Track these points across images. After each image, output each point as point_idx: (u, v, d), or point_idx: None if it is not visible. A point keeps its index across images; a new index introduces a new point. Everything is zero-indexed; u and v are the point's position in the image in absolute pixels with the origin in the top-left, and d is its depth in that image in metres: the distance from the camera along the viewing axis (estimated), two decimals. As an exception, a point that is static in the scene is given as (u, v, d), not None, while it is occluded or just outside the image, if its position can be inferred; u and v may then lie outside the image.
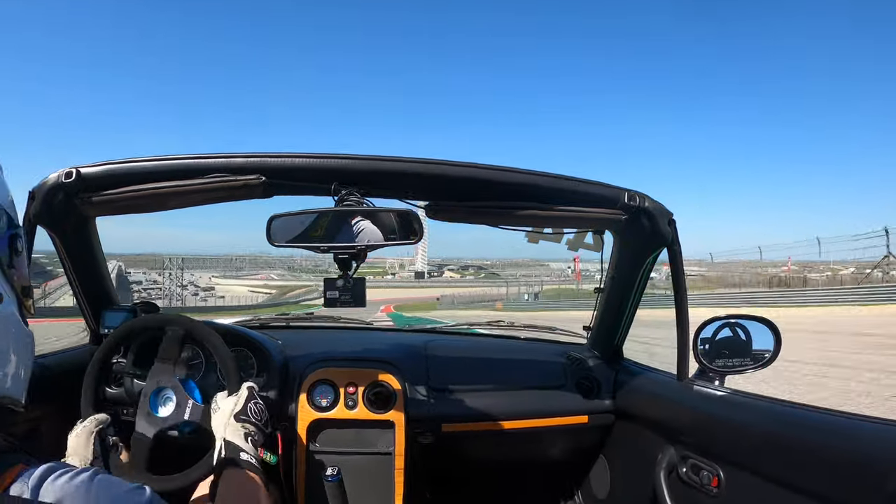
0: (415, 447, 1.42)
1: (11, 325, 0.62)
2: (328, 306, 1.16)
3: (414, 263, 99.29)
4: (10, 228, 0.63)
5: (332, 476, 1.29)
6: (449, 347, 1.69)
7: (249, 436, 0.98)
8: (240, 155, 1.10)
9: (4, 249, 0.61)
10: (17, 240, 0.64)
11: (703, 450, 1.17)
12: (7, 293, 0.61)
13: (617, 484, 1.55)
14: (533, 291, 47.53)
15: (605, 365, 1.62)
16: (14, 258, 0.63)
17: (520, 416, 1.48)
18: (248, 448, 0.95)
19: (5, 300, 0.60)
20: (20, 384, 0.64)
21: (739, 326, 1.38)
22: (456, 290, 59.07)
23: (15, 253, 0.63)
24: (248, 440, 0.97)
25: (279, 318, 1.91)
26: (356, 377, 1.40)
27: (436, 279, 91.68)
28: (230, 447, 0.94)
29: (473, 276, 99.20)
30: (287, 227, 1.09)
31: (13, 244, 0.63)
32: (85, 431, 1.01)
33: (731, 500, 1.08)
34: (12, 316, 0.62)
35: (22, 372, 0.64)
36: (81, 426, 1.02)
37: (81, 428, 1.02)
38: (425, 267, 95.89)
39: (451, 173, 1.13)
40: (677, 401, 1.31)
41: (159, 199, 1.13)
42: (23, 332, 0.65)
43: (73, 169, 1.10)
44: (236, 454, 0.93)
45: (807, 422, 0.98)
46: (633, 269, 1.41)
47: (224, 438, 0.96)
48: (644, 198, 1.22)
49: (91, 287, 1.37)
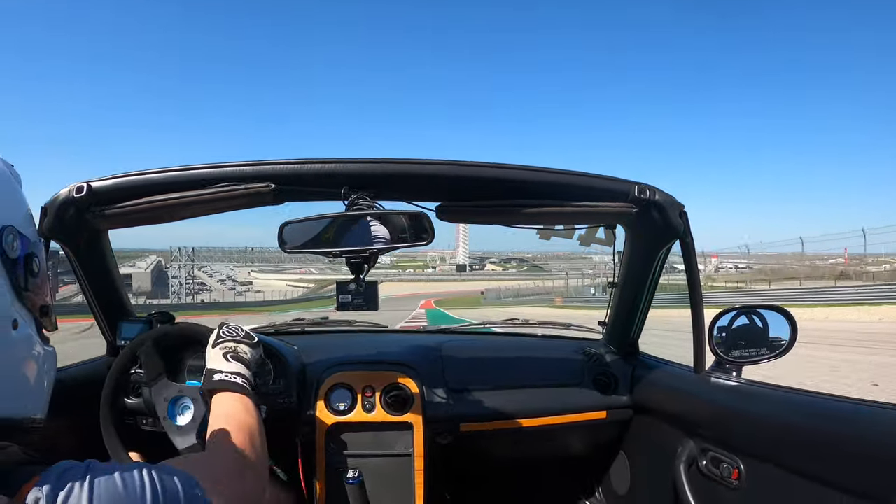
0: (434, 448, 1.43)
1: (29, 347, 0.61)
2: (341, 310, 1.16)
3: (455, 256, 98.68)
4: (24, 248, 0.61)
5: (353, 479, 1.29)
6: (464, 347, 1.69)
7: (229, 353, 0.99)
8: (249, 163, 1.11)
9: (20, 271, 0.60)
10: (33, 260, 0.62)
11: (723, 442, 1.16)
12: (23, 317, 0.60)
13: (637, 479, 1.55)
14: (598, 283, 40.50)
15: (621, 360, 1.61)
16: (30, 280, 0.61)
17: (538, 414, 1.48)
18: (226, 367, 0.96)
19: (21, 324, 0.59)
20: (41, 402, 0.64)
21: (756, 315, 1.37)
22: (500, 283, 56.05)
23: (31, 274, 0.61)
24: (227, 358, 0.98)
25: (294, 323, 1.92)
26: (373, 380, 1.40)
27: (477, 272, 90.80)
28: (208, 374, 0.95)
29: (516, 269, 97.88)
30: (299, 232, 1.10)
31: (29, 265, 0.61)
32: None
33: (751, 492, 1.07)
34: (30, 338, 0.61)
35: (43, 389, 0.64)
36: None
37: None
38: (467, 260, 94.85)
39: (460, 173, 1.12)
40: (695, 393, 1.30)
41: (170, 211, 1.14)
42: (42, 351, 0.64)
43: (83, 183, 1.11)
44: (210, 378, 0.93)
45: (826, 411, 0.97)
46: (646, 263, 1.40)
47: (206, 368, 0.97)
48: (654, 190, 1.21)
49: (106, 299, 1.39)
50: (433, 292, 50.79)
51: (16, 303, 0.59)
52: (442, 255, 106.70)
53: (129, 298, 1.44)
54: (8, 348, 0.57)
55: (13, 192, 0.64)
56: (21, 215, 0.64)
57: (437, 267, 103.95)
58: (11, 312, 0.58)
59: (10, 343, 0.58)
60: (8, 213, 0.61)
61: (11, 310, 0.58)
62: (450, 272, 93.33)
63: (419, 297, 41.79)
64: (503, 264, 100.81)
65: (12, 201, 0.63)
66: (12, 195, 0.64)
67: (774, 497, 1.02)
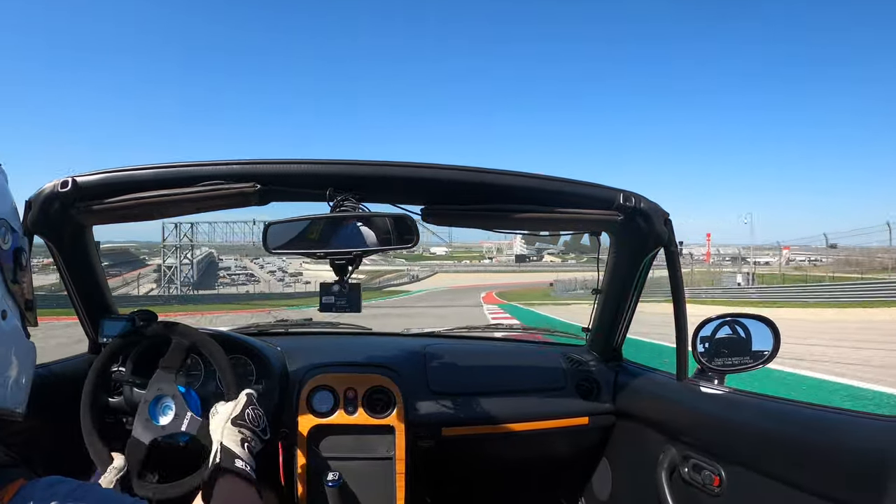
0: (415, 451, 1.42)
1: (15, 339, 0.62)
2: (324, 311, 1.16)
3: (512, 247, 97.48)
4: (14, 242, 0.63)
5: (332, 481, 1.29)
6: (448, 351, 1.69)
7: (245, 441, 0.97)
8: (235, 162, 1.10)
9: (9, 264, 0.61)
10: (21, 254, 0.64)
11: (704, 449, 1.17)
12: (10, 308, 0.61)
13: (619, 485, 1.55)
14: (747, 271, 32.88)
15: (604, 366, 1.62)
16: (18, 272, 0.63)
17: (520, 419, 1.48)
18: (243, 454, 0.94)
19: (9, 315, 0.61)
20: (20, 395, 0.64)
21: (738, 324, 1.38)
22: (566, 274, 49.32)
23: (20, 267, 0.63)
24: (243, 446, 0.96)
25: (278, 324, 1.91)
26: (355, 382, 1.40)
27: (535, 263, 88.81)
28: (226, 452, 0.93)
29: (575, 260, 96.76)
30: (283, 233, 1.10)
31: (18, 258, 0.63)
32: (105, 481, 1.03)
33: (732, 499, 1.08)
34: (16, 330, 0.62)
35: (23, 383, 0.64)
36: (103, 477, 1.04)
37: (103, 479, 1.03)
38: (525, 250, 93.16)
39: (445, 177, 1.13)
40: (677, 400, 1.31)
41: (155, 208, 1.13)
42: (25, 344, 0.65)
43: (69, 178, 1.11)
44: (231, 461, 0.92)
45: (806, 420, 0.97)
46: (630, 270, 1.41)
47: (220, 443, 0.95)
48: (640, 198, 1.21)
49: (89, 295, 1.38)
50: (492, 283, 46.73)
51: (6, 295, 0.60)
52: (499, 247, 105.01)
53: (111, 295, 1.43)
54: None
55: (1, 187, 0.66)
56: (9, 210, 0.65)
57: (493, 258, 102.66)
58: (2, 304, 0.59)
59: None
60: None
61: (3, 301, 0.60)
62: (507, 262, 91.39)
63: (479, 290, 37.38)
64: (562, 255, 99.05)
65: (2, 196, 0.65)
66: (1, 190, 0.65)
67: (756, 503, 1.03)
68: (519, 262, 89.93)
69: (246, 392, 1.07)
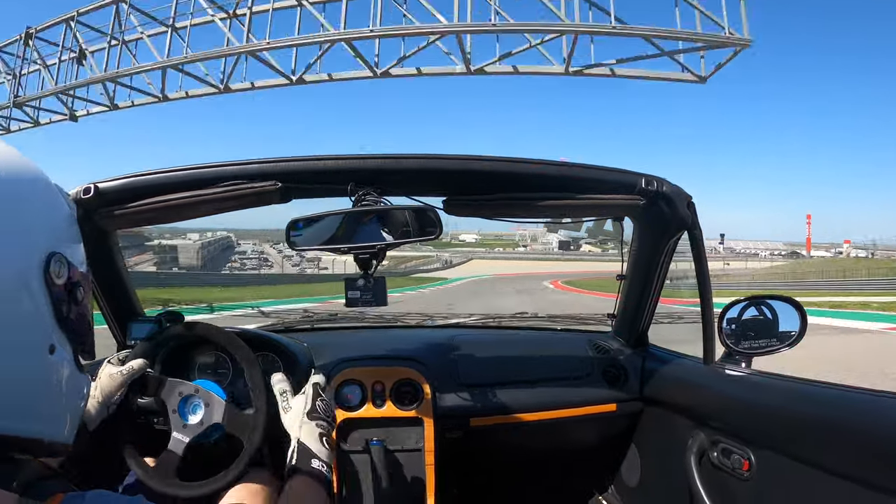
0: (443, 443, 1.43)
1: (63, 373, 0.60)
2: (349, 306, 1.16)
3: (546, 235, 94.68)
4: (70, 276, 0.60)
5: (377, 440, 1.31)
6: (474, 342, 1.69)
7: (324, 435, 0.93)
8: (255, 161, 1.11)
9: (64, 298, 0.59)
10: (77, 288, 0.61)
11: (733, 433, 1.16)
12: (60, 342, 0.59)
13: (648, 471, 1.55)
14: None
15: (630, 352, 1.61)
16: (73, 308, 0.60)
17: (548, 408, 1.48)
18: (321, 452, 0.90)
19: (58, 349, 0.59)
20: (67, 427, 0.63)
21: (765, 305, 1.36)
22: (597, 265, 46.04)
23: (74, 302, 0.61)
24: (322, 441, 0.92)
25: (304, 320, 1.92)
26: (383, 375, 1.41)
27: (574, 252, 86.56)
28: (303, 451, 0.89)
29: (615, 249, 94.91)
30: (306, 230, 1.10)
31: (73, 293, 0.61)
32: (122, 377, 1.03)
33: (762, 483, 1.07)
34: (65, 364, 0.61)
35: (71, 416, 0.63)
36: (119, 370, 1.04)
37: (119, 371, 1.04)
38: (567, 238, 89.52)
39: (466, 167, 1.12)
40: (705, 385, 1.30)
41: (177, 210, 1.15)
42: (76, 377, 0.63)
43: (90, 185, 1.12)
44: (308, 460, 0.88)
45: (837, 402, 0.96)
46: (654, 255, 1.40)
47: (298, 440, 0.91)
48: (662, 182, 1.20)
49: (116, 299, 1.40)
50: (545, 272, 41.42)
51: (56, 329, 0.59)
52: (533, 235, 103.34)
53: (137, 298, 1.45)
54: (42, 371, 0.57)
55: (64, 217, 0.64)
56: (70, 242, 0.63)
57: (527, 246, 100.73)
58: (50, 338, 0.58)
59: (45, 367, 0.58)
60: (57, 239, 0.61)
61: (51, 335, 0.58)
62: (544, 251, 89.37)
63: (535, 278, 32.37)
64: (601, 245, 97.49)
65: (63, 227, 0.63)
66: (63, 221, 0.64)
67: (786, 488, 1.02)
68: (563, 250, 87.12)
69: (312, 382, 1.02)
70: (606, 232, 1.45)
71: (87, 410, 0.96)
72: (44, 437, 0.58)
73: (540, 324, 1.97)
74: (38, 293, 0.56)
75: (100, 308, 1.39)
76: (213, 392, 1.13)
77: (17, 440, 0.55)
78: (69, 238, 0.64)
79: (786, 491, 1.02)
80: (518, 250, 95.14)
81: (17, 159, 0.58)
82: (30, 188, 0.59)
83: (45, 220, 0.60)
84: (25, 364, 0.55)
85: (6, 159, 0.57)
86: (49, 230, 0.60)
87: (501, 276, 36.29)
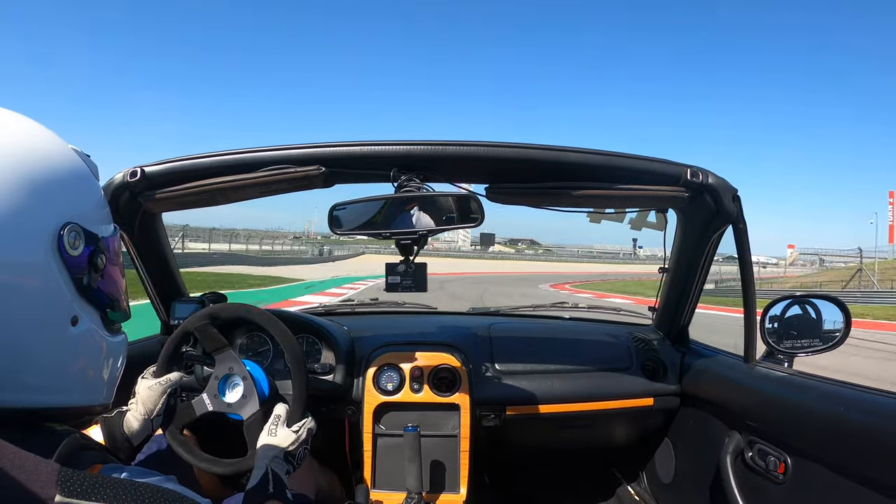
0: (479, 430, 1.43)
1: (90, 342, 0.60)
2: (390, 291, 1.17)
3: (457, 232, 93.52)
4: (88, 245, 0.58)
5: (411, 426, 1.30)
6: (513, 330, 1.68)
7: (288, 473, 0.95)
8: (299, 146, 1.12)
9: (83, 268, 0.58)
10: (98, 256, 0.60)
11: (771, 435, 1.14)
12: (83, 312, 0.59)
13: (682, 468, 1.52)
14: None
15: (670, 347, 1.59)
16: (93, 276, 0.59)
17: (585, 399, 1.47)
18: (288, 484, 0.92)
19: (81, 320, 0.58)
20: (104, 391, 0.64)
21: (809, 304, 1.32)
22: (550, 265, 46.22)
23: (94, 269, 0.59)
24: (286, 476, 0.94)
25: (344, 304, 1.95)
26: (421, 360, 1.41)
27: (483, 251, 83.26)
28: (278, 482, 0.90)
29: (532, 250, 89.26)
30: (349, 215, 1.11)
31: (93, 261, 0.59)
32: (160, 387, 1.03)
33: (798, 487, 1.04)
34: (91, 332, 0.60)
35: (105, 379, 0.64)
36: (156, 381, 1.04)
37: (157, 382, 1.04)
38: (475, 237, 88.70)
39: (509, 155, 1.11)
40: (744, 384, 1.27)
41: (222, 194, 1.16)
42: (107, 342, 0.63)
43: (137, 168, 1.15)
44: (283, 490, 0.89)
45: (880, 408, 0.92)
46: (697, 248, 1.37)
47: (271, 469, 0.92)
48: (707, 174, 1.17)
49: (161, 280, 1.43)
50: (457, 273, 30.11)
51: (77, 300, 0.58)
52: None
53: (182, 279, 1.49)
54: (68, 344, 0.57)
55: (81, 183, 0.61)
56: (89, 208, 0.61)
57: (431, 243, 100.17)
58: (72, 309, 0.57)
59: (69, 339, 0.57)
60: (72, 207, 0.58)
61: (72, 307, 0.57)
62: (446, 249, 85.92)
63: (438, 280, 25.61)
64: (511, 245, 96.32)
65: (79, 193, 0.60)
66: (80, 187, 0.61)
67: (822, 493, 0.99)
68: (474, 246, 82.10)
69: (308, 427, 1.04)
70: (650, 223, 1.43)
71: (132, 426, 0.97)
72: (79, 404, 0.60)
73: (580, 314, 1.94)
74: (52, 267, 0.55)
75: (144, 288, 1.43)
76: (259, 382, 1.12)
77: (50, 411, 0.56)
78: (86, 202, 0.61)
79: (822, 499, 0.99)
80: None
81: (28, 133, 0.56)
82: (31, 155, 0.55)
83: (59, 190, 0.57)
84: (48, 339, 0.55)
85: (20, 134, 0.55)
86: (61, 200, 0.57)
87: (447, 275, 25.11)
